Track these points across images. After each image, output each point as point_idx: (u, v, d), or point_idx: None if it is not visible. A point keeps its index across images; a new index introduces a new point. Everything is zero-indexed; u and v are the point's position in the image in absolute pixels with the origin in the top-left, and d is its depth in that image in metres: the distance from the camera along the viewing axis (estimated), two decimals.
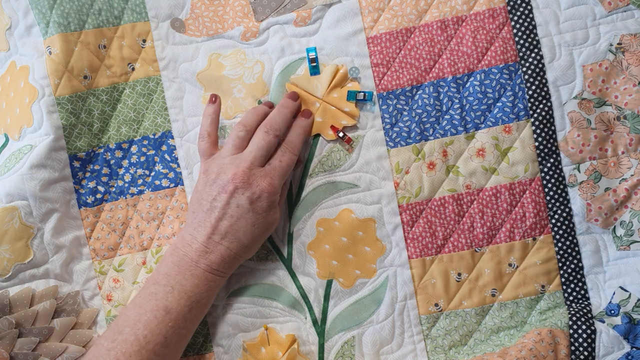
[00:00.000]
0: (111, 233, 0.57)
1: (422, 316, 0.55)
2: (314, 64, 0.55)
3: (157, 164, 0.57)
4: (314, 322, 0.56)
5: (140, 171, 0.57)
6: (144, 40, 0.58)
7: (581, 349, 0.51)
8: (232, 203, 0.49)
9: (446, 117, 0.55)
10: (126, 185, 0.57)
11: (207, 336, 0.56)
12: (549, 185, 0.54)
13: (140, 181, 0.57)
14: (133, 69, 0.58)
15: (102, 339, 0.48)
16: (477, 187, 0.55)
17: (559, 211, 0.54)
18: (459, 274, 0.55)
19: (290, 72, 0.57)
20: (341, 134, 0.55)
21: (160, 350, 0.47)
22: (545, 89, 0.54)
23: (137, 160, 0.57)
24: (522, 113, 0.54)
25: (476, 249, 0.55)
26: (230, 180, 0.49)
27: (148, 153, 0.57)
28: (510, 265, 0.55)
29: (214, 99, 0.55)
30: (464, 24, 0.55)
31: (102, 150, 0.57)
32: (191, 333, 0.51)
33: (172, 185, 0.57)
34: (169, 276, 0.49)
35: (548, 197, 0.54)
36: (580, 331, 0.52)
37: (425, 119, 0.55)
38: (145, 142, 0.57)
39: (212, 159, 0.52)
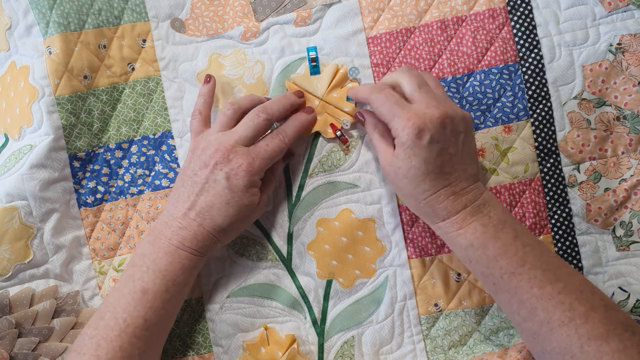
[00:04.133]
0: (111, 233, 0.57)
1: (421, 316, 0.55)
2: (314, 64, 0.56)
3: (157, 164, 0.57)
4: (314, 322, 0.56)
5: (140, 171, 0.57)
6: (144, 40, 0.58)
7: None
8: (210, 179, 0.49)
9: None
10: (126, 185, 0.57)
11: (207, 336, 0.56)
12: (549, 185, 0.54)
13: (140, 181, 0.57)
14: (133, 69, 0.58)
15: (86, 327, 0.48)
16: None
17: (559, 211, 0.54)
18: (459, 274, 0.55)
19: (290, 72, 0.57)
20: (339, 133, 0.55)
21: (141, 332, 0.47)
22: (545, 89, 0.54)
23: (137, 160, 0.57)
24: (522, 113, 0.54)
25: None
26: (212, 155, 0.49)
27: (148, 153, 0.57)
28: None
29: (209, 79, 0.55)
30: (464, 24, 0.55)
31: (102, 150, 0.57)
32: (172, 315, 0.51)
33: (172, 185, 0.57)
34: (144, 256, 0.49)
35: (548, 198, 0.54)
36: None
37: None
38: (145, 142, 0.57)
39: (200, 137, 0.52)
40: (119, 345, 0.46)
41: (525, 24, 0.54)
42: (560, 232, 0.54)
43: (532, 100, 0.54)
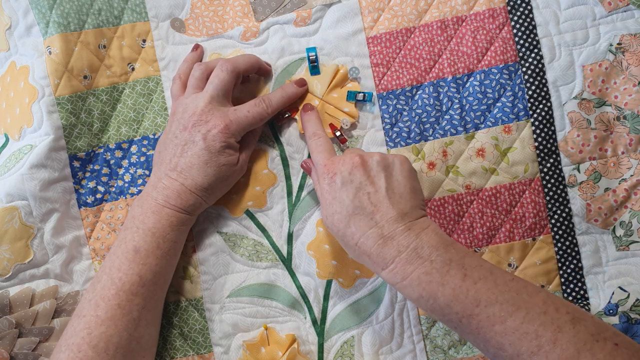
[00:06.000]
0: (111, 233, 0.57)
1: (421, 316, 0.55)
2: (314, 64, 0.55)
3: None
4: (314, 321, 0.56)
5: (140, 171, 0.57)
6: (144, 40, 0.58)
7: None
8: (189, 140, 0.50)
9: (446, 117, 0.55)
10: (126, 185, 0.57)
11: (207, 336, 0.56)
12: (549, 185, 0.54)
13: (140, 181, 0.57)
14: (133, 69, 0.58)
15: (85, 293, 0.50)
16: (477, 187, 0.55)
17: (559, 211, 0.54)
18: None
19: (291, 72, 0.57)
20: (338, 133, 0.55)
21: (138, 289, 0.48)
22: (545, 89, 0.54)
23: (137, 160, 0.57)
24: (522, 113, 0.54)
25: (476, 249, 0.55)
26: (189, 118, 0.50)
27: (148, 153, 0.57)
28: (509, 265, 0.55)
29: (196, 48, 0.57)
30: (464, 24, 0.55)
31: (102, 150, 0.57)
32: (167, 272, 0.52)
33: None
34: (134, 218, 0.51)
35: (548, 197, 0.54)
36: None
37: (425, 119, 0.55)
38: (145, 142, 0.57)
39: (178, 101, 0.53)
40: (117, 303, 0.47)
41: (525, 24, 0.54)
42: (560, 232, 0.54)
43: (532, 100, 0.54)
